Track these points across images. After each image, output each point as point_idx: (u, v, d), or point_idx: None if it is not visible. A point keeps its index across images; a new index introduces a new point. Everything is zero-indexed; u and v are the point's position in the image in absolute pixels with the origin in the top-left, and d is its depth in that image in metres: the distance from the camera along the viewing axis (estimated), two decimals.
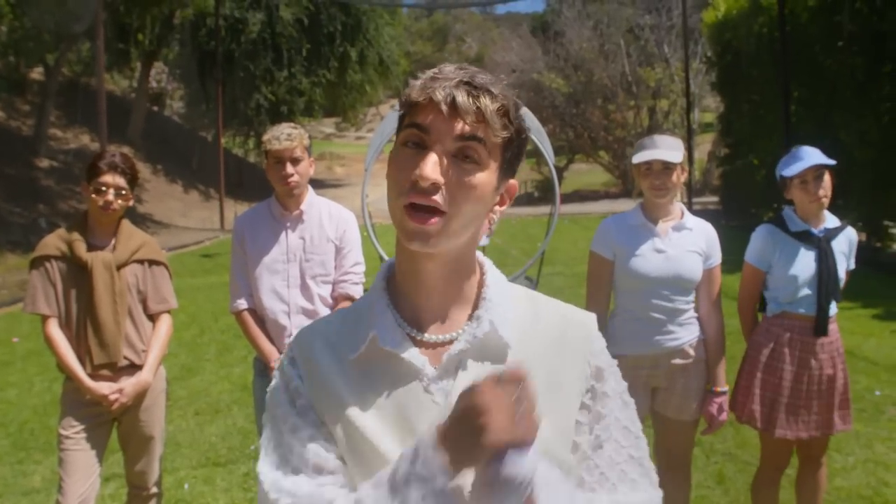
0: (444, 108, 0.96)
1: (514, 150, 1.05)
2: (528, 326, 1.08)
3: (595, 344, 1.12)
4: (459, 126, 0.97)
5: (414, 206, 0.98)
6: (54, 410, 4.12)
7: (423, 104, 0.99)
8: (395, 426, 1.02)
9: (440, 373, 1.04)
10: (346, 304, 3.10)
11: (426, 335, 1.06)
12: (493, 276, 1.11)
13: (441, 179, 0.97)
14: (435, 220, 0.98)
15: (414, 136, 1.00)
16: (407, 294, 1.08)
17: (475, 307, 1.08)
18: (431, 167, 0.96)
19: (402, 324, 1.07)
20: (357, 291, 3.15)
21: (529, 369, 1.02)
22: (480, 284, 1.10)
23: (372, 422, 1.03)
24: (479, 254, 1.12)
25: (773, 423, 3.04)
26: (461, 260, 1.06)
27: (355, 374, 1.06)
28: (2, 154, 15.69)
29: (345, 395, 1.05)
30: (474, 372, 1.03)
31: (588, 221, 16.51)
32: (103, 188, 2.89)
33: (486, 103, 0.97)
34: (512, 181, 1.09)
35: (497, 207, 1.07)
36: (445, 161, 0.98)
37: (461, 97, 0.97)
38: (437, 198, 0.97)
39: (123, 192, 2.94)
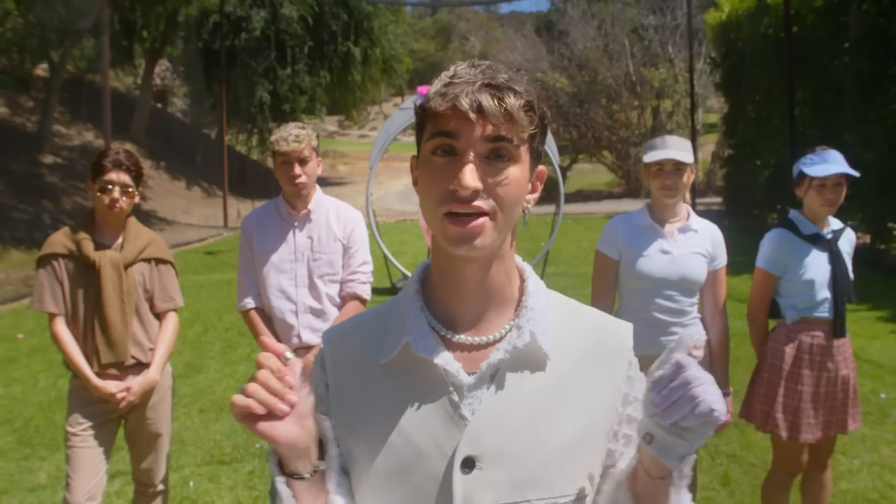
0: (471, 115, 0.95)
1: (540, 138, 1.04)
2: (564, 334, 1.08)
3: (630, 354, 1.12)
4: (488, 129, 0.96)
5: (454, 213, 0.97)
6: (59, 407, 4.13)
7: (448, 113, 0.97)
8: (415, 437, 1.02)
9: (476, 381, 1.02)
10: (355, 303, 3.11)
11: (460, 336, 1.05)
12: (535, 282, 1.10)
13: (481, 185, 0.97)
14: (479, 221, 0.97)
15: (443, 145, 0.98)
16: (443, 296, 1.07)
17: (516, 314, 1.07)
18: (470, 175, 0.95)
19: (437, 325, 1.06)
20: (365, 291, 3.15)
21: (565, 376, 1.05)
22: (522, 291, 1.09)
23: (395, 431, 1.02)
24: (519, 259, 1.12)
25: (798, 429, 3.05)
26: (499, 260, 1.05)
27: (385, 378, 1.06)
28: (6, 150, 15.69)
29: (371, 400, 1.05)
30: (511, 382, 1.03)
31: (591, 221, 16.50)
32: (109, 186, 2.89)
33: (512, 103, 0.96)
34: (540, 167, 1.08)
35: (529, 196, 1.07)
36: (480, 164, 0.97)
37: (487, 101, 0.95)
38: (479, 202, 0.97)
39: (129, 189, 2.94)
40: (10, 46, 16.87)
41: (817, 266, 3.03)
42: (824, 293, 3.02)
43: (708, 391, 0.92)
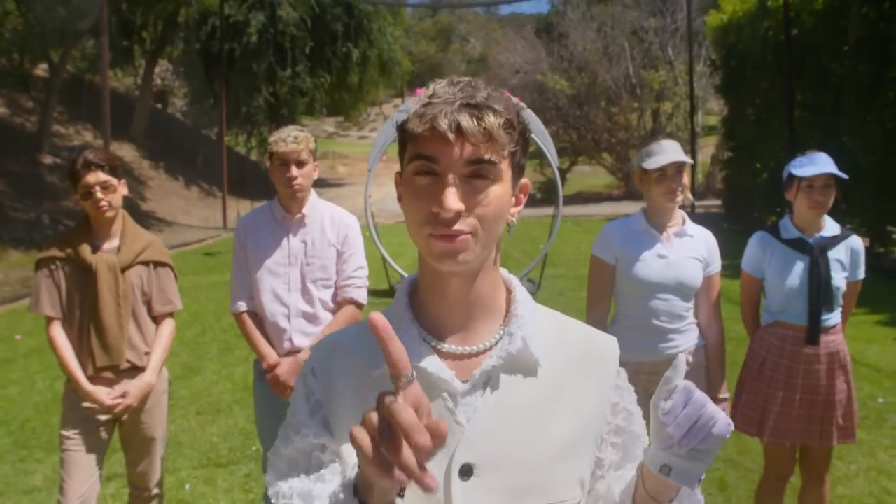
0: (450, 136, 0.94)
1: (521, 152, 1.05)
2: (553, 343, 1.09)
3: (617, 364, 1.14)
4: (468, 150, 0.96)
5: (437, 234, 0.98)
6: (56, 408, 4.12)
7: (426, 134, 0.96)
8: None
9: (469, 387, 1.03)
10: (350, 307, 3.10)
11: (450, 346, 1.06)
12: (522, 293, 1.12)
13: (462, 207, 0.97)
14: (463, 237, 0.97)
15: (424, 167, 0.98)
16: (430, 308, 1.07)
17: (504, 323, 1.08)
18: (451, 198, 0.95)
19: (427, 337, 1.06)
20: (361, 295, 3.14)
21: (556, 383, 1.07)
22: (510, 301, 1.10)
23: None
24: (504, 271, 1.13)
25: (764, 429, 3.08)
26: (484, 272, 1.06)
27: (378, 388, 1.05)
28: (5, 150, 15.69)
29: (363, 411, 1.05)
30: (505, 388, 1.04)
31: (590, 223, 16.48)
32: (89, 190, 2.88)
33: (492, 122, 0.96)
34: (523, 180, 1.08)
35: (513, 209, 1.07)
36: (460, 185, 0.97)
37: (465, 121, 0.94)
38: (460, 226, 0.97)
39: (109, 184, 2.91)
40: (10, 46, 16.88)
41: (794, 272, 3.03)
42: (798, 299, 3.02)
43: (717, 410, 0.98)
